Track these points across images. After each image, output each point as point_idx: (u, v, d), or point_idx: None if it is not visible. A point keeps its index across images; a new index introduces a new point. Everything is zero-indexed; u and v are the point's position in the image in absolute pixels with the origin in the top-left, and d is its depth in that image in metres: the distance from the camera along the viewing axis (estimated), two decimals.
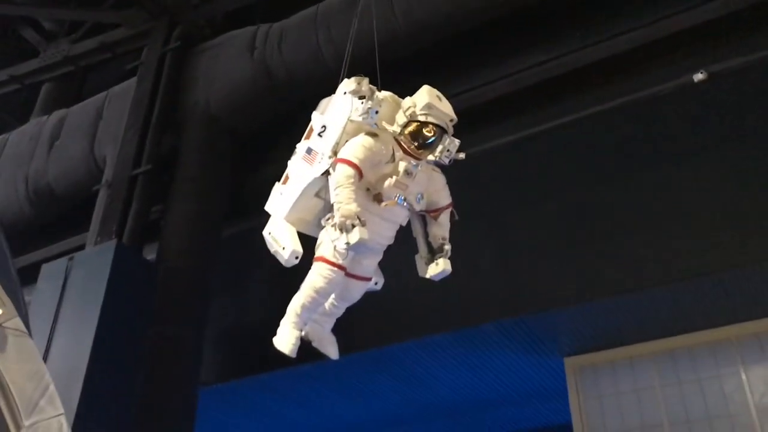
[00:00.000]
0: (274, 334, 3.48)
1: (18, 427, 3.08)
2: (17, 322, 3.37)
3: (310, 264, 3.42)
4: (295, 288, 3.47)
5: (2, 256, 4.30)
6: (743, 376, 5.49)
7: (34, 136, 8.34)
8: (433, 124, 3.38)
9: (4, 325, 3.25)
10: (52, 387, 3.36)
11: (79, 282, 5.93)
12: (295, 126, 4.37)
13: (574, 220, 5.65)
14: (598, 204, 5.59)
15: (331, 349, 3.70)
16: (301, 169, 3.59)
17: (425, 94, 3.42)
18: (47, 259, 6.71)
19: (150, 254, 6.67)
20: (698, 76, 5.51)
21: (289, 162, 3.74)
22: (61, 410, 3.28)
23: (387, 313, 5.65)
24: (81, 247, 6.86)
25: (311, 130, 3.69)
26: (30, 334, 3.49)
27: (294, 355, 3.37)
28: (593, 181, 5.69)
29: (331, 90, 3.79)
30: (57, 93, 9.77)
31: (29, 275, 6.19)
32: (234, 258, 7.13)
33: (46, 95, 9.83)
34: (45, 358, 5.28)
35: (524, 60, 6.22)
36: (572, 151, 5.94)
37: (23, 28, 10.02)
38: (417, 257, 3.63)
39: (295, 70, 7.01)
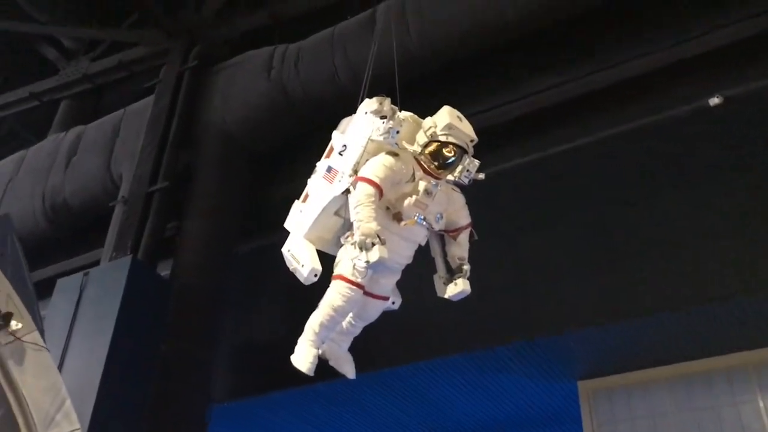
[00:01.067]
0: (288, 352, 3.47)
1: None
2: (36, 336, 3.39)
3: (328, 282, 3.43)
4: (310, 306, 3.47)
5: (20, 270, 4.34)
6: (761, 404, 5.38)
7: (52, 152, 8.43)
8: (453, 144, 3.40)
9: (23, 339, 3.27)
10: (68, 401, 3.37)
11: (93, 297, 5.97)
12: (311, 145, 4.39)
13: (591, 242, 5.61)
14: (615, 226, 5.55)
15: (347, 368, 3.69)
16: (321, 188, 3.61)
17: (446, 115, 3.45)
18: (62, 274, 6.75)
19: (164, 270, 6.70)
20: (714, 101, 5.52)
21: (309, 180, 3.77)
22: (77, 425, 3.29)
23: (401, 334, 5.63)
24: (96, 263, 6.90)
25: (331, 148, 3.72)
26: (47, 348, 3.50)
27: (312, 374, 3.36)
28: (610, 203, 5.66)
29: (346, 110, 3.82)
30: (75, 110, 9.90)
31: (44, 290, 6.22)
32: (249, 275, 7.13)
33: (64, 112, 9.97)
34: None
35: (543, 81, 6.24)
36: (589, 173, 5.92)
37: (43, 47, 10.18)
38: (435, 277, 3.63)
39: (311, 90, 7.07)
